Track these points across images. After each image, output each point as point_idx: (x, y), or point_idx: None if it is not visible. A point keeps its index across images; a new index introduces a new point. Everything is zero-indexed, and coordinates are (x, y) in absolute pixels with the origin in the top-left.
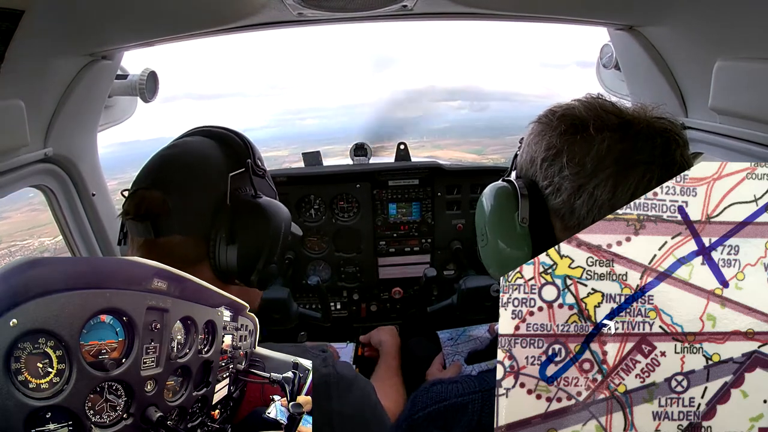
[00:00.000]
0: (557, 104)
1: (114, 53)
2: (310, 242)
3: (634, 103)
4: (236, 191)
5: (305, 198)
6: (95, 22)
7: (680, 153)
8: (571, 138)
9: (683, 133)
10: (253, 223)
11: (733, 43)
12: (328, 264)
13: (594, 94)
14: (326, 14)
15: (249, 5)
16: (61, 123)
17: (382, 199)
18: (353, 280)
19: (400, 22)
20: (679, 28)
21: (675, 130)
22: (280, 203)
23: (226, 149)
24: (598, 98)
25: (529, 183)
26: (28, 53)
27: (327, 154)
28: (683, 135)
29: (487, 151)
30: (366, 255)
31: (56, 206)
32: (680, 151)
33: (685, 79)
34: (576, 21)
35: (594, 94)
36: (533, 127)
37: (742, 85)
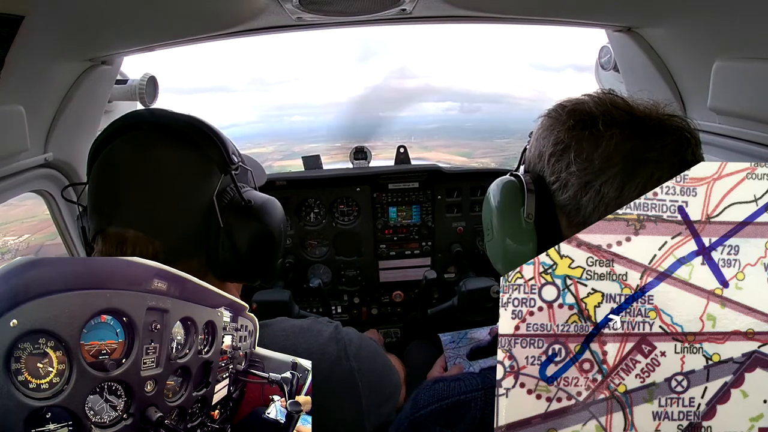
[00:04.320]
0: (567, 98)
1: (114, 58)
2: (310, 246)
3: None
4: (223, 201)
5: (305, 202)
6: (95, 28)
7: (691, 152)
8: (579, 133)
9: (695, 132)
10: (251, 231)
11: (731, 44)
12: (329, 267)
13: (606, 90)
14: (325, 18)
15: (248, 10)
16: (61, 128)
17: (382, 202)
18: (354, 283)
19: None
20: (678, 29)
21: (687, 129)
22: (268, 197)
23: (198, 155)
24: (610, 93)
25: (537, 178)
26: (28, 58)
27: (312, 151)
28: (695, 134)
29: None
30: (366, 258)
31: (56, 211)
32: (692, 149)
33: (684, 79)
34: (574, 23)
35: (606, 89)
36: (542, 121)
37: (740, 85)
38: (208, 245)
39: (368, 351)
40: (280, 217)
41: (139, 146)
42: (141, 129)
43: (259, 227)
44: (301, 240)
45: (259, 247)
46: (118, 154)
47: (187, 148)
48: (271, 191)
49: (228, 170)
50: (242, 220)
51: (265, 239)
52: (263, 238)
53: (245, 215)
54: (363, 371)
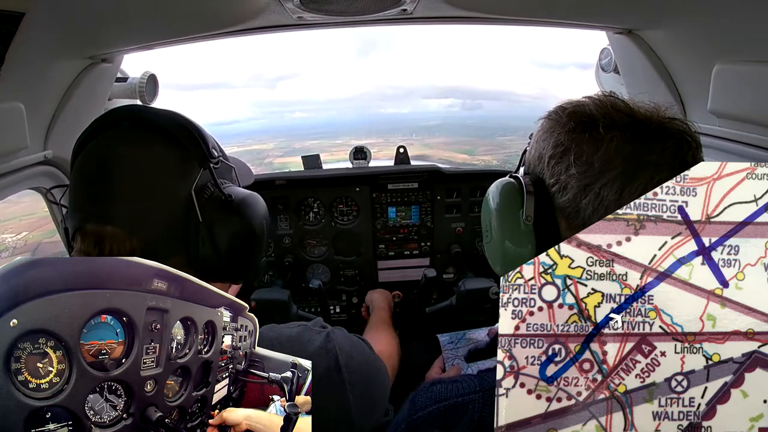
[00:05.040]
0: (568, 101)
1: (114, 56)
2: (309, 245)
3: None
4: (203, 197)
5: (305, 201)
6: (95, 25)
7: (692, 155)
8: (579, 136)
9: (696, 135)
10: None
11: (731, 47)
12: (328, 267)
13: (607, 92)
14: (326, 18)
15: (248, 9)
16: (61, 126)
17: (381, 202)
18: (353, 283)
19: (399, 26)
20: (678, 31)
21: (688, 132)
22: (250, 192)
23: (177, 149)
24: (611, 96)
25: (536, 180)
26: (28, 56)
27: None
28: (696, 137)
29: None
30: (365, 258)
31: (55, 208)
32: (692, 153)
33: (684, 82)
34: (575, 25)
35: (607, 92)
36: (543, 123)
37: (741, 88)
38: (188, 242)
39: (360, 359)
40: (262, 212)
41: (117, 143)
42: (120, 125)
43: (239, 222)
44: (300, 239)
45: (241, 243)
46: (95, 151)
47: (165, 143)
48: (270, 190)
49: (207, 164)
50: (222, 214)
51: (246, 235)
52: (244, 233)
53: (225, 210)
54: (354, 383)
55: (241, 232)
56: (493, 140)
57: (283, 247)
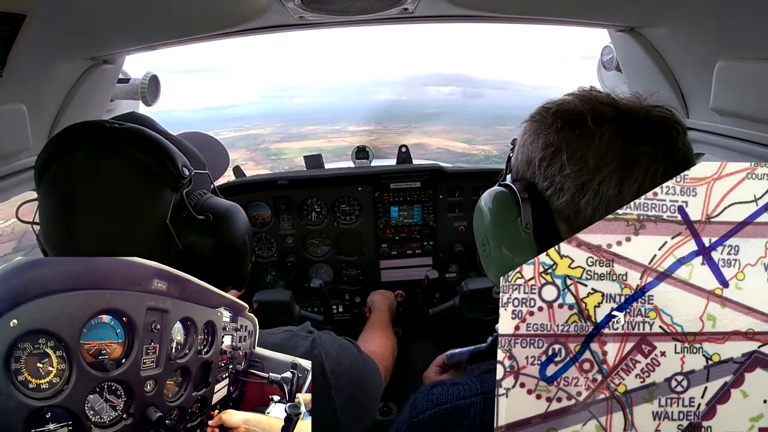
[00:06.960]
0: (549, 100)
1: (116, 57)
2: (312, 245)
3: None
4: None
5: (307, 201)
6: (97, 27)
7: (681, 141)
8: (569, 134)
9: (681, 120)
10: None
11: (734, 44)
12: (330, 267)
13: (586, 87)
14: (327, 17)
15: (250, 9)
16: (63, 127)
17: (383, 201)
18: (355, 282)
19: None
20: (680, 29)
21: (673, 118)
22: (230, 204)
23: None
24: (592, 90)
25: (528, 186)
26: (30, 57)
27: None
28: (681, 122)
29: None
30: (368, 258)
31: None
32: (681, 138)
33: (686, 80)
34: (576, 23)
35: (586, 87)
36: (526, 126)
37: (743, 85)
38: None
39: (346, 363)
40: (243, 225)
41: (76, 174)
42: (77, 149)
43: (220, 242)
44: (302, 239)
45: (223, 260)
46: (56, 183)
47: (131, 171)
48: (273, 191)
49: (179, 187)
50: (201, 238)
51: (228, 252)
52: (226, 251)
53: (204, 232)
54: (341, 389)
55: (222, 251)
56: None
57: (285, 247)
